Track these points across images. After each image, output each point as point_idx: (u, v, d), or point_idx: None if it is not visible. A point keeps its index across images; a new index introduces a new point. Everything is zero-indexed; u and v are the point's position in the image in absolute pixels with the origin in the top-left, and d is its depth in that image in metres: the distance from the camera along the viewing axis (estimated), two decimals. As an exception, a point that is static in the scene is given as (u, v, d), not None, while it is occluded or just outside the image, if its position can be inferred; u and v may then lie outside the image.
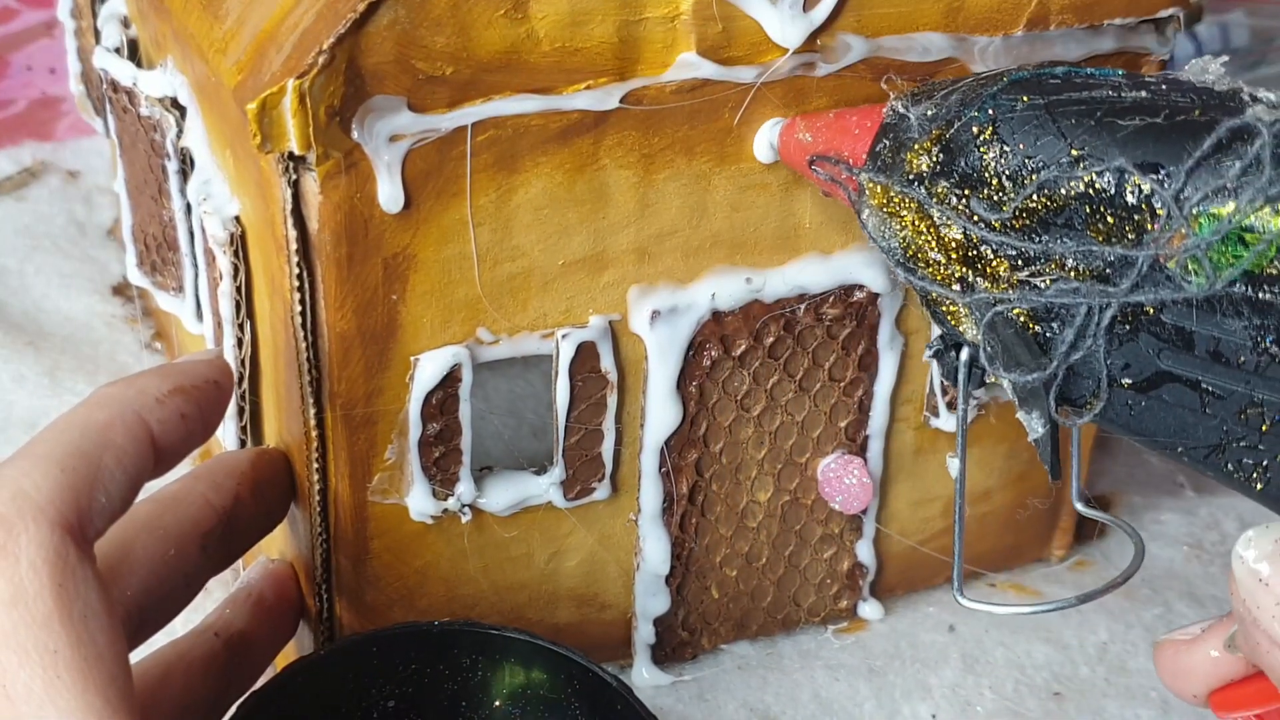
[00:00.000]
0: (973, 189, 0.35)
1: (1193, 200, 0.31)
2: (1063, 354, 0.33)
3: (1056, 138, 0.34)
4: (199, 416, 0.38)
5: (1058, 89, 0.35)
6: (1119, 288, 0.32)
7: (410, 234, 0.40)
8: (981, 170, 0.35)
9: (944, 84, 0.38)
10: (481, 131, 0.39)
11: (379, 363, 0.41)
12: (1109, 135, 0.33)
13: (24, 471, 0.33)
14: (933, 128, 0.36)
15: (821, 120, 0.41)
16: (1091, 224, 0.33)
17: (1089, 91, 0.34)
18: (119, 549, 0.38)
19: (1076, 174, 0.33)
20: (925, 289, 0.36)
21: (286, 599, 0.45)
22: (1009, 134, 0.35)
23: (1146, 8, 0.44)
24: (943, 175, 0.36)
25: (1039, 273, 0.33)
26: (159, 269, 0.54)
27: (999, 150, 0.35)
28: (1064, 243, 0.33)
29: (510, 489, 0.45)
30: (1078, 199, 0.33)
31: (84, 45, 0.65)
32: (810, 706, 0.49)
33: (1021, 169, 0.34)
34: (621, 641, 0.49)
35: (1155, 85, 0.34)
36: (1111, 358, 0.33)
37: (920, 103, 0.38)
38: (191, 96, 0.46)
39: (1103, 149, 0.33)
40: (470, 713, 0.43)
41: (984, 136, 0.35)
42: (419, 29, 0.37)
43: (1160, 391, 0.32)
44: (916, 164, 0.36)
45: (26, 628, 0.31)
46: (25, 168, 0.74)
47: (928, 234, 0.36)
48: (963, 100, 0.36)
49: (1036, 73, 0.36)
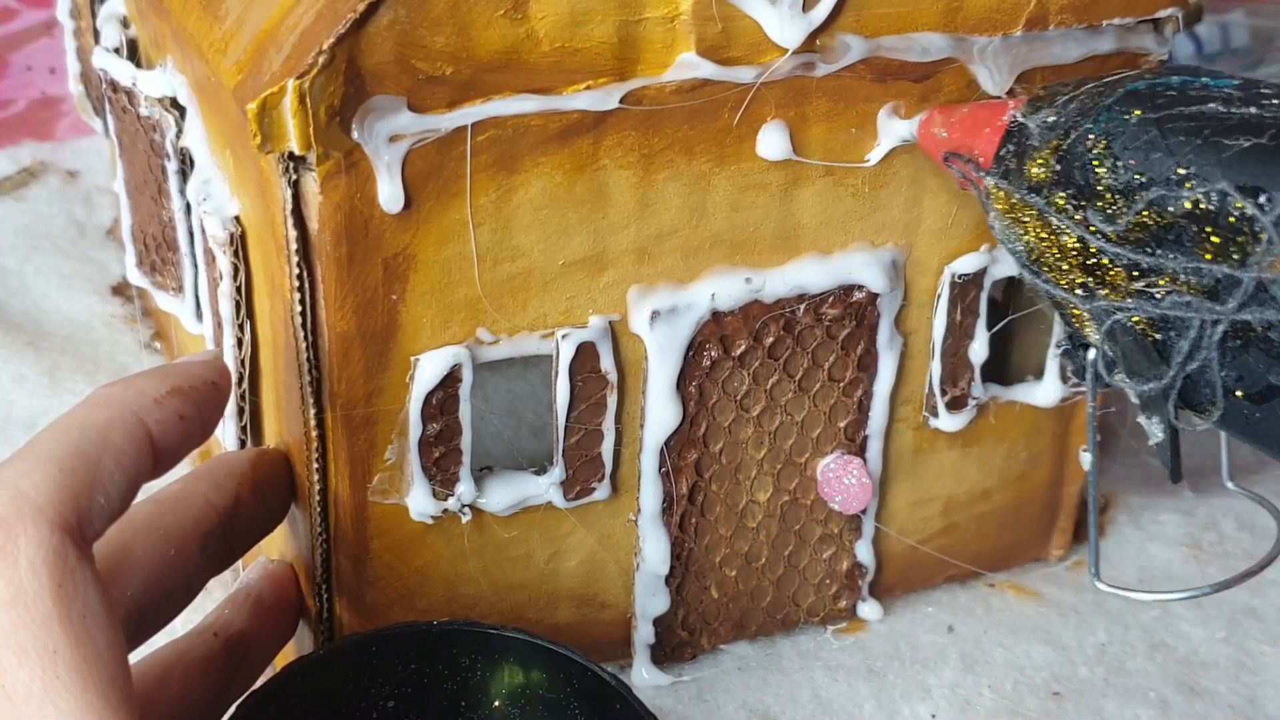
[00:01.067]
0: (1088, 200, 0.35)
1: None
2: (1179, 364, 0.33)
3: (1165, 155, 0.34)
4: (197, 417, 0.38)
5: (1170, 102, 0.35)
6: (1227, 306, 0.32)
7: (410, 234, 0.40)
8: (1095, 183, 0.35)
9: (1067, 87, 0.38)
10: (481, 131, 0.39)
11: (379, 363, 0.41)
12: (1214, 155, 0.33)
13: (23, 472, 0.33)
14: (1052, 137, 0.37)
15: (956, 116, 0.41)
16: (1199, 242, 0.33)
17: (1200, 106, 0.34)
18: (119, 549, 0.38)
19: (1183, 193, 0.33)
20: (1050, 293, 0.37)
21: (286, 599, 0.45)
22: (1121, 149, 0.35)
23: (1145, 8, 0.44)
24: (1060, 185, 0.36)
25: (1154, 284, 0.34)
26: (158, 269, 0.54)
27: (1111, 164, 0.35)
28: (1175, 258, 0.33)
29: (510, 489, 0.45)
30: (1185, 217, 0.33)
31: (83, 45, 0.65)
32: (810, 707, 0.49)
33: (1132, 184, 0.34)
34: (621, 641, 0.49)
35: (1268, 99, 0.34)
36: (1225, 369, 0.33)
37: (1041, 109, 0.38)
38: (191, 96, 0.46)
39: (1208, 169, 0.33)
40: (470, 712, 0.43)
41: (1098, 150, 0.35)
42: (419, 29, 0.37)
43: (1274, 404, 0.33)
44: (1036, 173, 0.37)
45: (26, 628, 0.31)
46: (24, 168, 0.74)
47: (1049, 240, 0.37)
48: (1081, 110, 0.37)
49: (1152, 83, 0.36)
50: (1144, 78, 0.37)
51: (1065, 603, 0.53)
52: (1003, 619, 0.52)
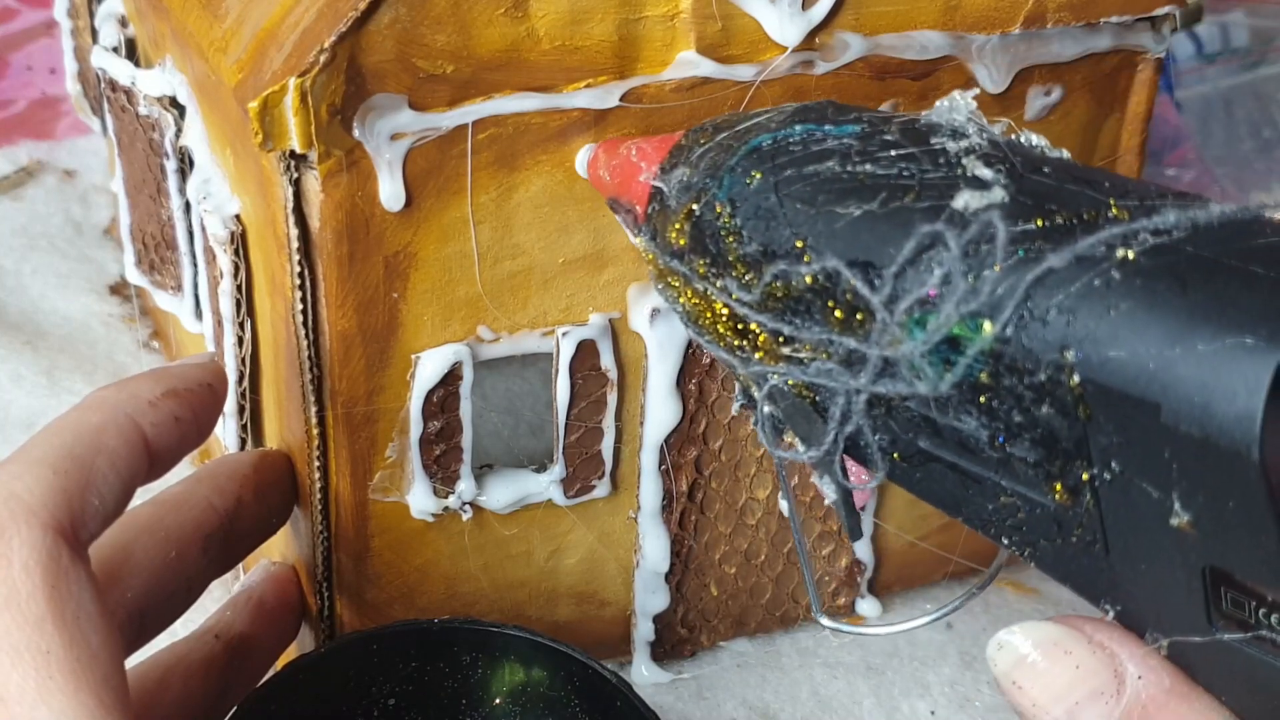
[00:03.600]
0: (723, 270, 0.33)
1: (902, 307, 0.29)
2: (834, 429, 0.32)
3: (784, 225, 0.32)
4: (193, 420, 0.38)
5: (790, 162, 0.33)
6: (860, 380, 0.30)
7: (411, 232, 0.40)
8: (726, 253, 0.33)
9: (705, 133, 0.36)
10: (482, 130, 0.39)
11: (380, 361, 0.41)
12: (828, 225, 0.31)
13: (16, 475, 0.33)
14: (686, 200, 0.35)
15: (616, 159, 0.38)
16: (826, 315, 0.31)
17: (818, 165, 0.32)
18: (120, 551, 0.38)
19: (802, 267, 0.31)
20: (714, 354, 0.35)
21: (287, 602, 0.45)
22: (744, 218, 0.33)
23: (1142, 6, 0.44)
24: (698, 253, 0.34)
25: (799, 350, 0.32)
26: (157, 268, 0.54)
27: (737, 235, 0.33)
28: (810, 329, 0.31)
29: (510, 487, 0.45)
30: (809, 291, 0.31)
31: (81, 45, 0.65)
32: (809, 704, 0.49)
33: (759, 257, 0.32)
34: (621, 639, 0.49)
35: (884, 153, 0.31)
36: (878, 434, 0.31)
37: (676, 167, 0.35)
38: (190, 95, 0.46)
39: (823, 241, 0.31)
40: (470, 710, 0.43)
41: (724, 220, 0.33)
42: (420, 27, 0.37)
43: (928, 468, 0.31)
44: (675, 239, 0.35)
45: (19, 629, 0.31)
46: (22, 167, 0.74)
47: (701, 304, 0.35)
48: (710, 169, 0.34)
49: (776, 137, 0.33)
50: (769, 129, 0.34)
51: (1063, 599, 0.53)
52: (1001, 616, 0.52)
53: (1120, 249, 0.27)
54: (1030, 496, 0.29)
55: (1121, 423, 0.26)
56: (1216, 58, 0.72)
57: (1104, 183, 0.29)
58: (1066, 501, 0.28)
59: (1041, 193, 0.29)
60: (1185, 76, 0.73)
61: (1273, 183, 0.72)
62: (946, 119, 0.32)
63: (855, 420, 0.31)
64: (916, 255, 0.29)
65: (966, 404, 0.29)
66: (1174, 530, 0.26)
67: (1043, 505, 0.29)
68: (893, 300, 0.29)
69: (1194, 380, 0.25)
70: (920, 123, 0.33)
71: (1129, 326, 0.26)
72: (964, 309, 0.28)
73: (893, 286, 0.29)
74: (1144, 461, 0.26)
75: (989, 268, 0.28)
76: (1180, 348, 0.25)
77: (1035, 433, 0.28)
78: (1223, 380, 0.25)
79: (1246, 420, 0.24)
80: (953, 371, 0.28)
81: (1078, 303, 0.27)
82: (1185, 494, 0.26)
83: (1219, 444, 0.25)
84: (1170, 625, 0.28)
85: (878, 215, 0.30)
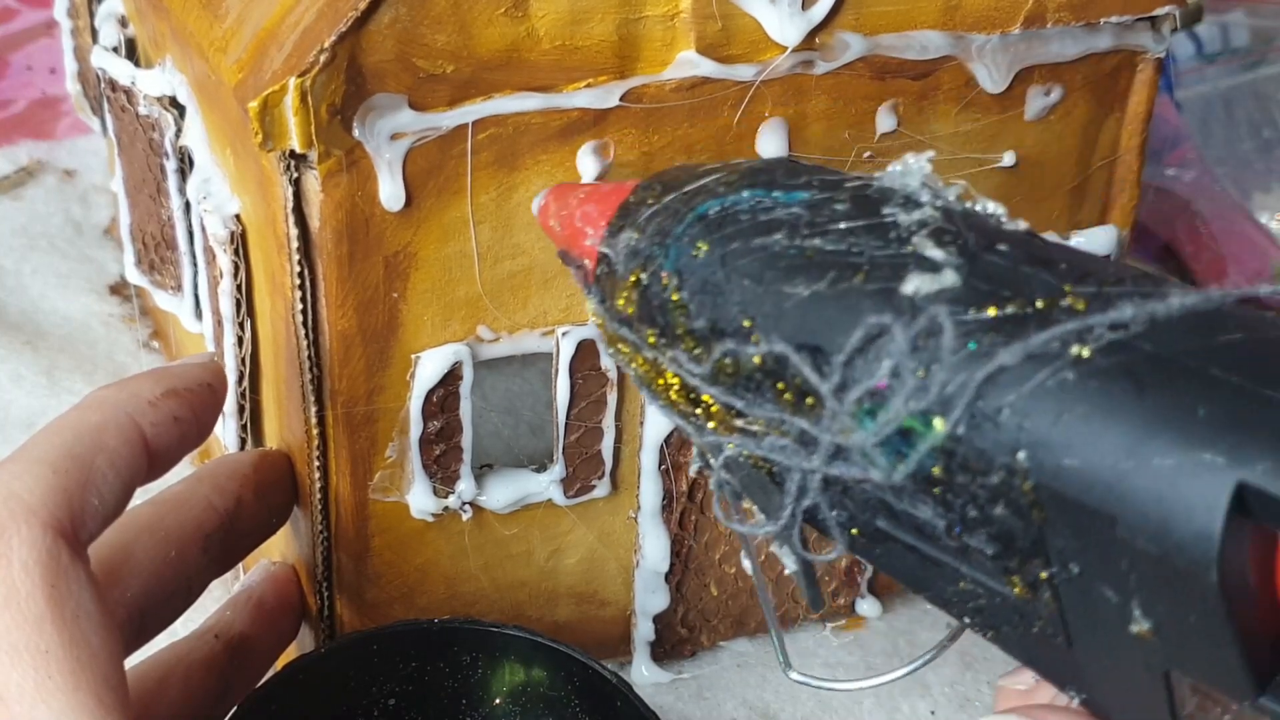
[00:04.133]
0: (672, 342, 0.32)
1: (852, 397, 0.28)
2: (790, 504, 0.30)
3: (730, 302, 0.31)
4: (193, 419, 0.38)
5: (738, 233, 0.31)
6: (813, 461, 0.29)
7: (411, 232, 0.40)
8: (674, 326, 0.32)
9: (651, 193, 0.34)
10: (482, 129, 0.39)
11: (380, 361, 0.41)
12: (776, 304, 0.30)
13: (16, 474, 0.33)
14: (634, 266, 0.33)
15: (566, 209, 0.36)
16: (776, 396, 0.30)
17: (766, 237, 0.30)
18: (120, 551, 0.38)
19: (749, 347, 0.30)
20: (670, 420, 0.34)
21: (287, 602, 0.45)
22: (691, 294, 0.31)
23: (1142, 6, 0.44)
24: (645, 323, 0.33)
25: (752, 424, 0.31)
26: (157, 268, 0.54)
27: (685, 309, 0.32)
28: (762, 406, 0.30)
29: (510, 486, 0.45)
30: (758, 370, 0.30)
31: (81, 44, 0.65)
32: (809, 704, 0.49)
33: (708, 333, 0.31)
34: (621, 639, 0.49)
35: (834, 225, 0.30)
36: (835, 509, 0.30)
37: (624, 230, 0.34)
38: (191, 95, 0.46)
39: (771, 321, 0.30)
40: (470, 710, 0.43)
41: (671, 294, 0.32)
42: (420, 27, 0.37)
43: (888, 546, 0.30)
44: (624, 306, 0.33)
45: (18, 628, 0.31)
46: (22, 167, 0.74)
47: (652, 370, 0.33)
48: (656, 235, 0.32)
49: (723, 203, 0.32)
50: (717, 194, 0.32)
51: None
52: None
53: (1075, 346, 0.26)
54: (990, 585, 0.28)
55: (1077, 530, 0.25)
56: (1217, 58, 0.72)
57: (1060, 264, 0.28)
58: (1026, 595, 0.27)
59: (995, 276, 0.28)
60: (1185, 76, 0.73)
61: (1273, 183, 0.71)
62: (900, 184, 0.31)
63: (812, 496, 0.30)
64: (865, 345, 0.28)
65: (921, 494, 0.28)
66: (1135, 635, 0.25)
67: (1003, 595, 0.28)
68: (842, 389, 0.28)
69: (1150, 495, 0.24)
70: (873, 189, 0.31)
71: (1083, 433, 0.25)
72: (913, 406, 0.27)
73: (842, 375, 0.28)
74: (1101, 568, 0.25)
75: (938, 363, 0.27)
76: (1135, 460, 0.24)
77: (991, 528, 0.27)
78: (1180, 497, 0.24)
79: (1204, 541, 0.23)
80: (905, 463, 0.27)
81: (1030, 404, 0.26)
82: (1145, 603, 0.25)
83: (1176, 562, 0.24)
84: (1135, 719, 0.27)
85: (826, 297, 0.29)
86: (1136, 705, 0.27)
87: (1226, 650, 0.24)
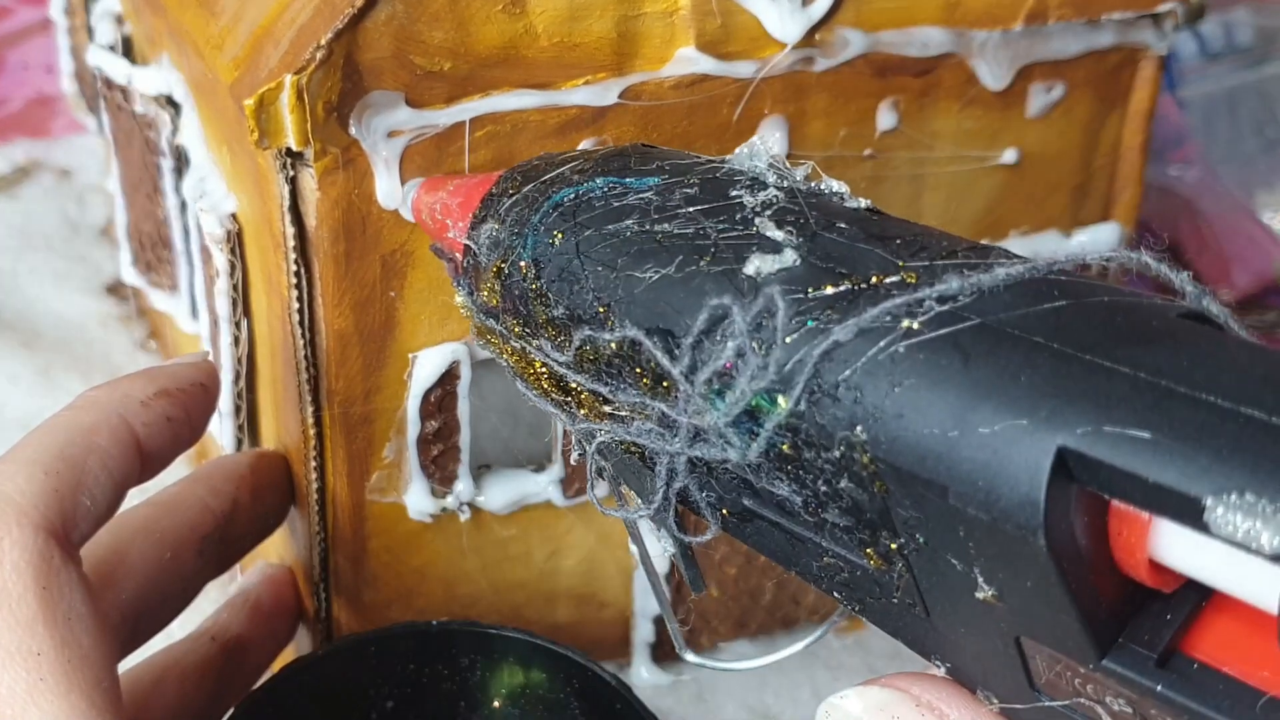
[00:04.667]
0: (535, 331, 0.32)
1: (701, 378, 0.28)
2: (661, 487, 0.31)
3: (586, 288, 0.31)
4: (185, 420, 0.38)
5: (591, 220, 0.31)
6: (674, 443, 0.29)
7: (408, 230, 0.40)
8: (536, 316, 0.32)
9: (512, 184, 0.34)
10: (480, 127, 0.39)
11: (377, 360, 0.41)
12: (628, 289, 0.30)
13: (7, 475, 0.33)
14: (495, 258, 0.33)
15: (436, 201, 0.37)
16: (636, 380, 0.30)
17: (617, 223, 0.31)
18: (114, 553, 0.38)
19: (604, 334, 0.30)
20: (544, 409, 0.34)
21: (284, 604, 0.45)
22: (549, 282, 0.32)
23: (1144, 2, 0.44)
24: (509, 313, 0.33)
25: (619, 409, 0.31)
26: (153, 267, 0.53)
27: (544, 300, 0.32)
28: (625, 391, 0.31)
29: (509, 487, 0.44)
30: (615, 356, 0.30)
31: (77, 43, 0.65)
32: (810, 706, 0.49)
33: (567, 320, 0.31)
34: (620, 640, 0.49)
35: (683, 209, 0.30)
36: (705, 491, 0.31)
37: (485, 221, 0.34)
38: (187, 93, 0.46)
39: (624, 306, 0.30)
40: (469, 712, 0.43)
41: (530, 282, 0.32)
42: (417, 24, 0.37)
43: (756, 524, 0.30)
44: (489, 298, 0.34)
45: (10, 630, 0.31)
46: (18, 166, 0.74)
47: (521, 360, 0.34)
48: (516, 224, 0.33)
49: (578, 191, 0.32)
50: (571, 183, 0.33)
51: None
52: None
53: (905, 320, 0.26)
54: (849, 559, 0.28)
55: (917, 501, 0.25)
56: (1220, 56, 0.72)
57: (896, 239, 0.28)
58: (881, 566, 0.27)
59: (833, 254, 0.28)
60: (1188, 75, 0.73)
61: (1276, 181, 0.71)
62: (748, 165, 0.31)
63: (681, 478, 0.30)
64: (710, 327, 0.28)
65: (776, 471, 0.28)
66: (981, 602, 0.25)
67: (861, 568, 0.28)
68: (692, 370, 0.28)
69: (977, 463, 0.24)
70: (721, 171, 0.32)
71: (912, 405, 0.25)
72: (756, 384, 0.27)
73: (691, 357, 0.28)
74: (943, 537, 0.25)
75: (775, 342, 0.27)
76: (961, 429, 0.24)
77: (841, 503, 0.27)
78: (1004, 464, 0.24)
79: (1029, 506, 0.23)
80: (757, 442, 0.28)
81: (864, 379, 0.26)
82: (986, 571, 0.25)
83: (1006, 529, 0.24)
84: (996, 686, 0.27)
85: (674, 280, 0.29)
86: (995, 672, 0.27)
87: (1065, 614, 0.24)
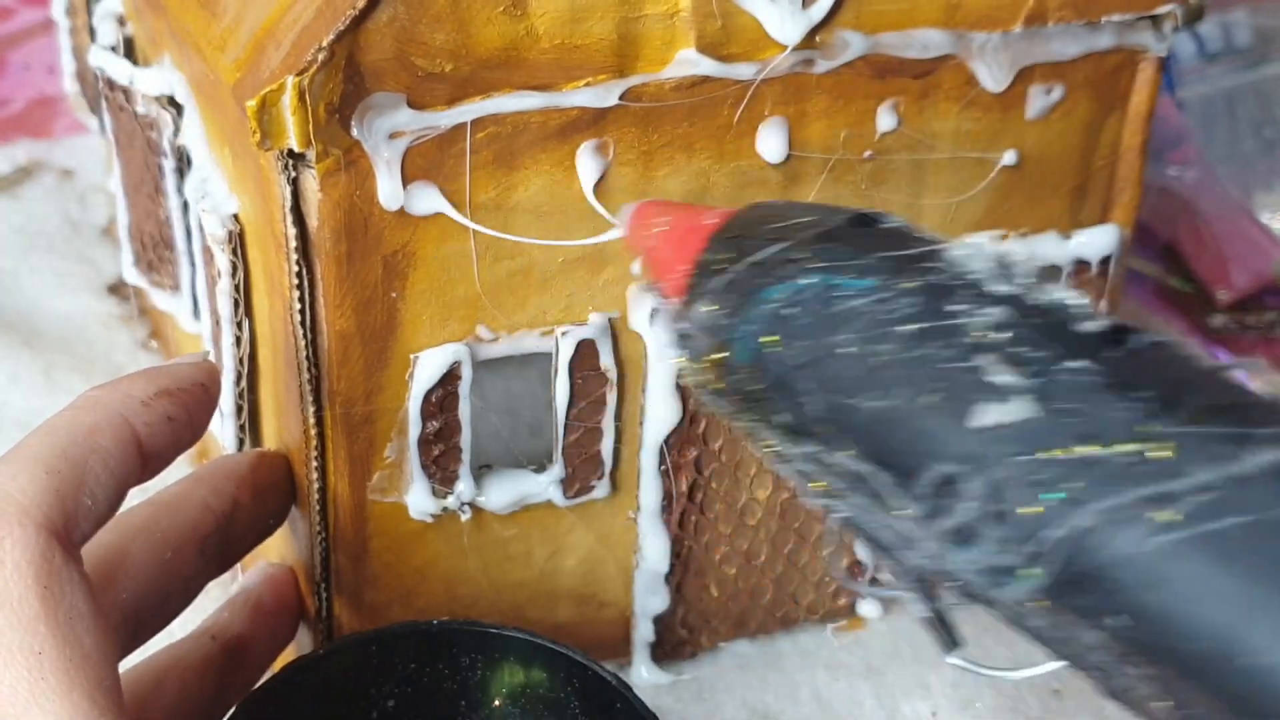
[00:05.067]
0: (762, 422, 0.31)
1: (935, 530, 0.27)
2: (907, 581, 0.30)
3: (806, 405, 0.30)
4: (186, 420, 0.38)
5: (806, 330, 0.30)
6: (914, 559, 0.29)
7: (410, 231, 0.40)
8: (762, 414, 0.31)
9: (725, 256, 0.33)
10: (481, 128, 0.39)
11: (378, 361, 0.41)
12: (847, 416, 0.29)
13: (8, 475, 0.33)
14: (713, 343, 0.32)
15: (648, 239, 0.36)
16: (869, 495, 0.29)
17: (834, 335, 0.30)
18: (116, 552, 0.38)
19: (829, 456, 0.29)
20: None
21: (285, 603, 0.45)
22: (769, 387, 0.31)
23: (1144, 4, 0.44)
24: (736, 402, 0.32)
25: (856, 504, 0.30)
26: (155, 267, 0.54)
27: (770, 404, 0.31)
28: (858, 495, 0.29)
29: (509, 487, 0.44)
30: (846, 474, 0.29)
31: (79, 43, 0.65)
32: (810, 705, 0.49)
33: (792, 428, 0.30)
34: (621, 640, 0.49)
35: (902, 327, 0.29)
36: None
37: (700, 299, 0.33)
38: (189, 94, 0.46)
39: (848, 436, 0.29)
40: (470, 711, 0.43)
41: (753, 386, 0.31)
42: (418, 26, 0.37)
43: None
44: (715, 381, 0.33)
45: (11, 629, 0.31)
46: (19, 167, 0.74)
47: (749, 433, 0.32)
48: (730, 313, 0.32)
49: (791, 289, 0.31)
50: (784, 279, 0.31)
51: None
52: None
53: (1166, 510, 0.25)
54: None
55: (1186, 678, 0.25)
56: (1218, 57, 0.72)
57: (1144, 389, 0.26)
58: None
59: (1071, 404, 0.26)
60: (1187, 76, 0.73)
61: (1275, 182, 0.71)
62: (967, 267, 0.30)
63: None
64: (941, 484, 0.27)
65: (1027, 616, 0.28)
66: None
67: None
68: (926, 517, 0.28)
69: (1260, 669, 0.23)
70: (941, 276, 0.30)
71: (1182, 603, 0.24)
72: (998, 560, 0.26)
73: (919, 506, 0.28)
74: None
75: (1012, 515, 0.26)
76: (1235, 633, 0.24)
77: (1100, 657, 0.27)
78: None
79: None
80: (1003, 590, 0.27)
81: (1123, 570, 0.25)
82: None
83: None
84: None
85: (896, 417, 0.28)
86: None
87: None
